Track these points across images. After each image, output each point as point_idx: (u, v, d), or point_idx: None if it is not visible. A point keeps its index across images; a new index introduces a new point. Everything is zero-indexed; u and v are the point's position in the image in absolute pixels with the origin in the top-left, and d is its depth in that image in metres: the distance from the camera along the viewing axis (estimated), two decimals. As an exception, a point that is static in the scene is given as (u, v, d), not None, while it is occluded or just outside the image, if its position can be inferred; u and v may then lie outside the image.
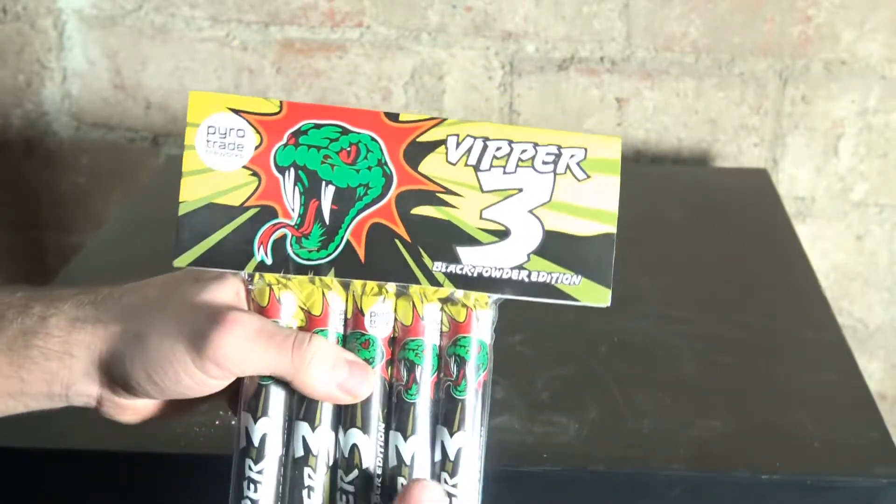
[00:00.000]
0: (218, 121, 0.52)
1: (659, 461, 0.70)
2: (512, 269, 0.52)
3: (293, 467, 0.51)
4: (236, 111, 0.52)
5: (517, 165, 0.52)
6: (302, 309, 0.52)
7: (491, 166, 0.52)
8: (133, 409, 0.53)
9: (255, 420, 0.51)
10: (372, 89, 1.26)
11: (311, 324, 0.52)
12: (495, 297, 0.52)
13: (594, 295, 0.53)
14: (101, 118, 1.31)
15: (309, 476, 0.51)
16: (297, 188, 0.52)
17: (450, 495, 0.51)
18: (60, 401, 0.53)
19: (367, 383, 0.51)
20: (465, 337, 0.52)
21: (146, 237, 1.03)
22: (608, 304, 0.53)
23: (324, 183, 0.52)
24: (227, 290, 0.51)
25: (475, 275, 0.52)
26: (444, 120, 0.52)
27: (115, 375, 0.51)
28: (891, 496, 0.68)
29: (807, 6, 1.18)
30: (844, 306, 1.29)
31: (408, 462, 0.51)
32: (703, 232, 1.06)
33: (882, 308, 1.29)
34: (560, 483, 0.70)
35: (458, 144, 0.52)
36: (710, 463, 0.70)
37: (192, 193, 0.52)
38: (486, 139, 0.52)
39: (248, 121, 0.52)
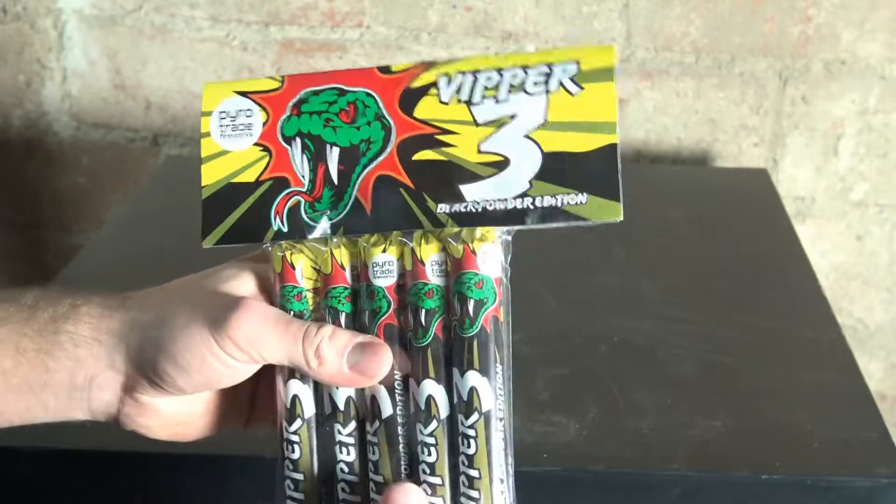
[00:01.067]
0: (228, 105, 0.54)
1: (659, 461, 0.70)
2: (515, 198, 0.51)
3: (323, 424, 0.52)
4: (243, 93, 0.54)
5: (508, 92, 0.51)
6: (314, 269, 0.52)
7: (483, 98, 0.51)
8: (155, 412, 0.52)
9: (285, 382, 0.53)
10: (372, 89, 1.26)
11: (325, 282, 0.52)
12: (501, 229, 0.51)
13: (604, 211, 0.50)
14: (101, 118, 1.31)
15: (339, 432, 0.52)
16: (304, 155, 0.53)
17: (465, 436, 0.50)
18: (81, 398, 0.52)
19: (381, 362, 0.50)
20: (464, 273, 0.51)
21: (146, 237, 1.03)
22: (620, 217, 0.50)
23: (328, 146, 0.52)
24: (245, 283, 0.53)
25: (479, 210, 0.51)
26: (434, 62, 0.52)
27: (142, 362, 0.51)
28: (891, 496, 0.69)
29: (807, 6, 1.18)
30: (844, 306, 1.29)
31: (423, 406, 0.51)
32: (703, 232, 1.06)
33: (882, 308, 1.29)
34: (560, 483, 0.70)
35: (448, 83, 0.51)
36: (710, 463, 0.70)
37: (211, 177, 0.55)
38: (475, 72, 0.51)
39: (253, 100, 0.53)
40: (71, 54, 1.28)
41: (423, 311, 0.51)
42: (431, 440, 0.51)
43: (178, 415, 0.53)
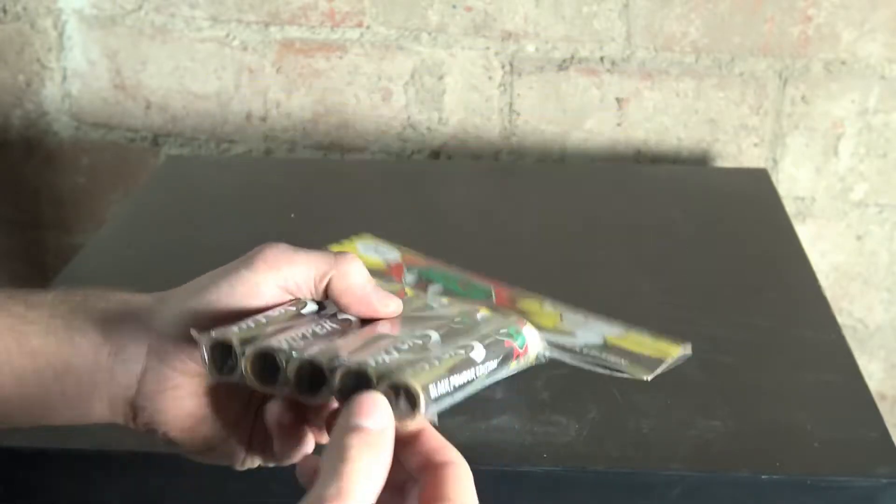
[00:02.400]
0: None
1: (659, 461, 0.70)
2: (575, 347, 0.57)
3: None
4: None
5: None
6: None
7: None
8: (173, 392, 0.52)
9: None
10: (372, 89, 1.26)
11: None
12: (545, 352, 0.56)
13: (638, 371, 0.57)
14: (101, 118, 1.31)
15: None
16: (415, 273, 0.63)
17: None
18: (102, 381, 0.53)
19: (394, 301, 0.54)
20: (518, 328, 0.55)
21: (146, 237, 1.03)
22: (648, 378, 0.56)
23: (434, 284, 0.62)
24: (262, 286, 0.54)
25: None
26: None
27: (169, 316, 0.52)
28: (891, 496, 0.68)
29: (807, 6, 1.18)
30: (844, 306, 1.29)
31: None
32: (703, 232, 1.06)
33: (882, 308, 1.29)
34: (560, 483, 0.70)
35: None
36: (710, 463, 0.70)
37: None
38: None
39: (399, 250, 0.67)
40: (71, 54, 1.28)
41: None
42: None
43: (193, 405, 0.53)
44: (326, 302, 0.54)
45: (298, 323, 0.52)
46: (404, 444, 0.47)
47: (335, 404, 0.51)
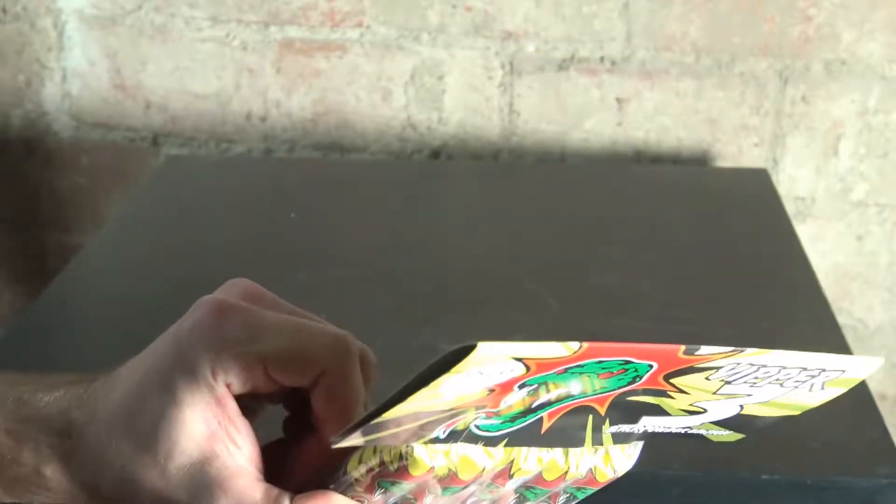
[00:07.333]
0: (492, 365, 0.38)
1: (659, 462, 0.70)
2: (678, 427, 0.46)
3: None
4: (519, 359, 0.39)
5: (768, 382, 0.44)
6: (450, 469, 0.43)
7: (742, 381, 0.44)
8: None
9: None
10: (372, 89, 1.26)
11: (451, 481, 0.43)
12: (640, 445, 0.47)
13: (726, 439, 0.48)
14: (101, 118, 1.31)
15: None
16: (524, 390, 0.41)
17: None
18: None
19: None
20: (592, 489, 0.49)
21: (146, 237, 1.03)
22: (733, 441, 0.48)
23: (554, 388, 0.41)
24: (199, 413, 0.43)
25: (640, 431, 0.46)
26: (743, 350, 0.42)
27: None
28: (891, 496, 0.68)
29: (807, 6, 1.18)
30: (844, 306, 1.28)
31: None
32: (703, 232, 1.06)
33: (882, 308, 1.29)
34: (560, 483, 0.70)
35: (732, 369, 0.43)
36: (710, 463, 0.70)
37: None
38: (763, 367, 0.43)
39: (525, 364, 0.39)
40: (71, 54, 1.28)
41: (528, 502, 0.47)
42: None
43: None
44: None
45: None
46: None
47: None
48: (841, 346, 0.84)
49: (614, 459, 0.47)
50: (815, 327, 0.87)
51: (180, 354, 0.43)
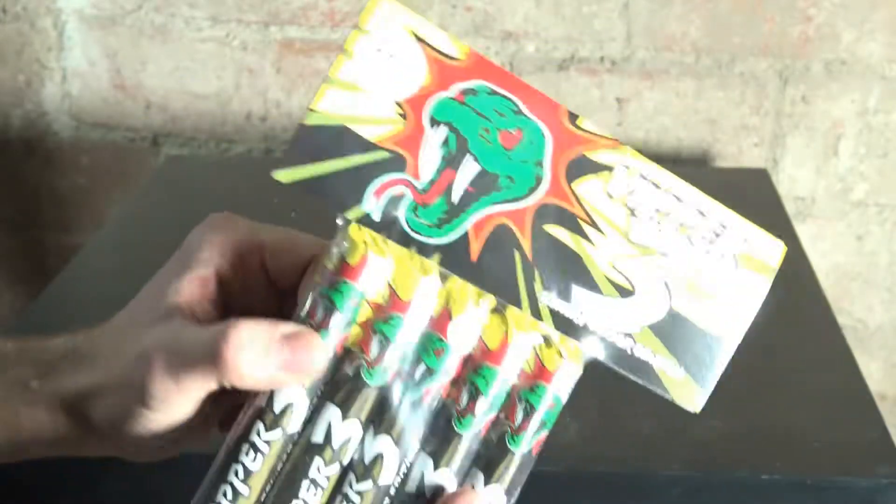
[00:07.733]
0: (393, 39, 0.44)
1: (659, 462, 0.70)
2: (619, 333, 0.46)
3: (304, 451, 0.45)
4: (418, 39, 0.44)
5: (675, 228, 0.46)
6: (389, 285, 0.45)
7: (649, 217, 0.46)
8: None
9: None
10: (372, 89, 1.26)
11: (392, 305, 0.45)
12: (590, 355, 0.46)
13: (687, 395, 0.47)
14: (101, 118, 1.31)
15: (318, 468, 0.44)
16: (440, 150, 0.45)
17: None
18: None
19: (315, 356, 0.44)
20: (544, 386, 0.46)
21: (146, 237, 1.03)
22: (697, 411, 0.47)
23: (470, 157, 0.45)
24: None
25: (581, 324, 0.45)
26: (624, 146, 0.46)
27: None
28: (891, 496, 0.68)
29: (807, 6, 1.18)
30: (844, 306, 1.29)
31: (427, 494, 0.45)
32: (703, 232, 1.06)
33: (882, 308, 1.29)
34: (560, 483, 0.70)
35: (626, 178, 0.45)
36: (710, 463, 0.70)
37: (328, 106, 0.45)
38: (656, 185, 0.46)
39: (425, 55, 0.44)
40: (71, 54, 1.28)
41: (482, 398, 0.45)
42: None
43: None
44: None
45: None
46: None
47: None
48: (841, 347, 0.84)
49: (560, 347, 0.46)
50: (815, 327, 0.87)
51: (187, 243, 0.50)
